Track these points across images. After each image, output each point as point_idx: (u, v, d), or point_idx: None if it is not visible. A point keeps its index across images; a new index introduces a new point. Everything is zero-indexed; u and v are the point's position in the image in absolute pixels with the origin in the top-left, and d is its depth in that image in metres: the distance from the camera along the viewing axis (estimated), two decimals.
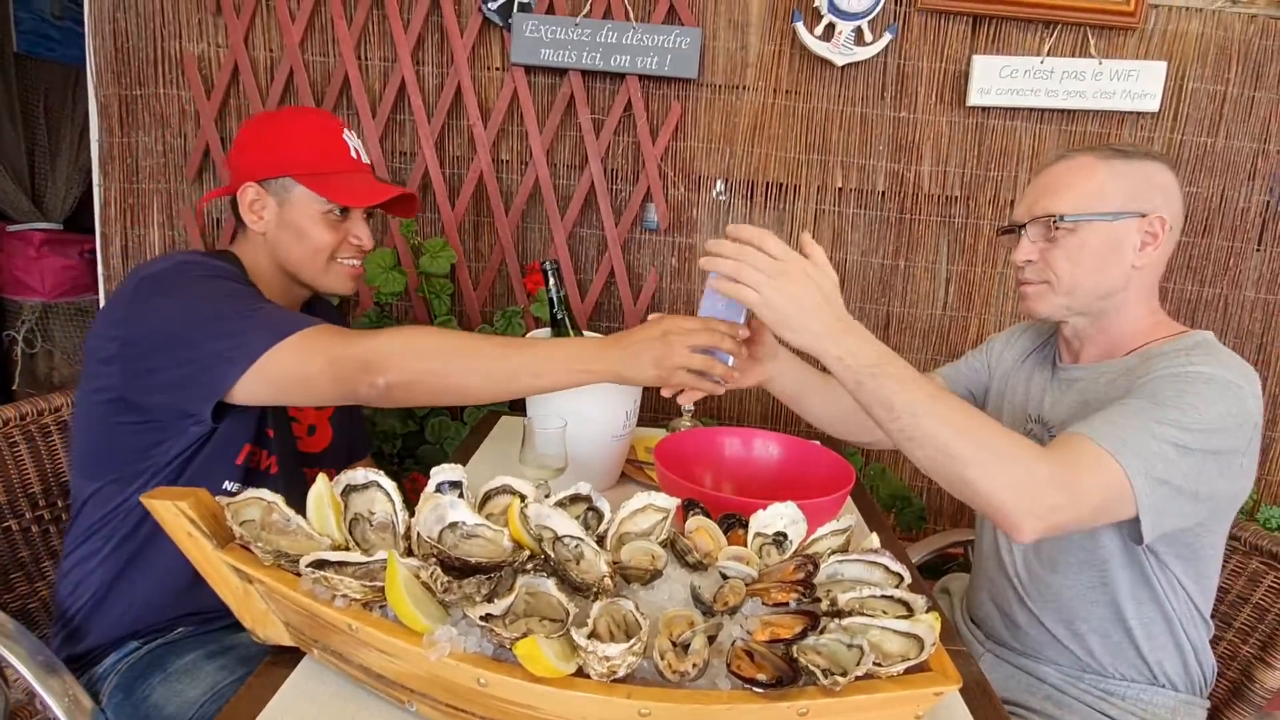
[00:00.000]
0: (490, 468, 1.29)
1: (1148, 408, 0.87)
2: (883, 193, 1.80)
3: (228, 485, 1.04)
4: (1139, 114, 1.72)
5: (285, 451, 1.13)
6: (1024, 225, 1.03)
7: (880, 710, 0.65)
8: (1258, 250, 1.82)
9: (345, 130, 1.10)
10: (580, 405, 1.16)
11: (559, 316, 1.29)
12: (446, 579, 0.68)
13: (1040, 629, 1.09)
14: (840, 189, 1.80)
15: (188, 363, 0.91)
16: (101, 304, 1.93)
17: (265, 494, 0.78)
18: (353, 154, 1.09)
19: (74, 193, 3.15)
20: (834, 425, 1.26)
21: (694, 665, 0.63)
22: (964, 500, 0.86)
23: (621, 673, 0.62)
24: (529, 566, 0.74)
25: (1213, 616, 1.06)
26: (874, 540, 0.83)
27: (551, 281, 1.29)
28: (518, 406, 1.83)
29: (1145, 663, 1.04)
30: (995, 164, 1.77)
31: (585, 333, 1.32)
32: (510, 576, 0.72)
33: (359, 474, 0.82)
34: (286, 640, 0.77)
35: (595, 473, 1.24)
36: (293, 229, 1.07)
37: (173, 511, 0.73)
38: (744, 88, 1.74)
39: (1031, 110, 1.73)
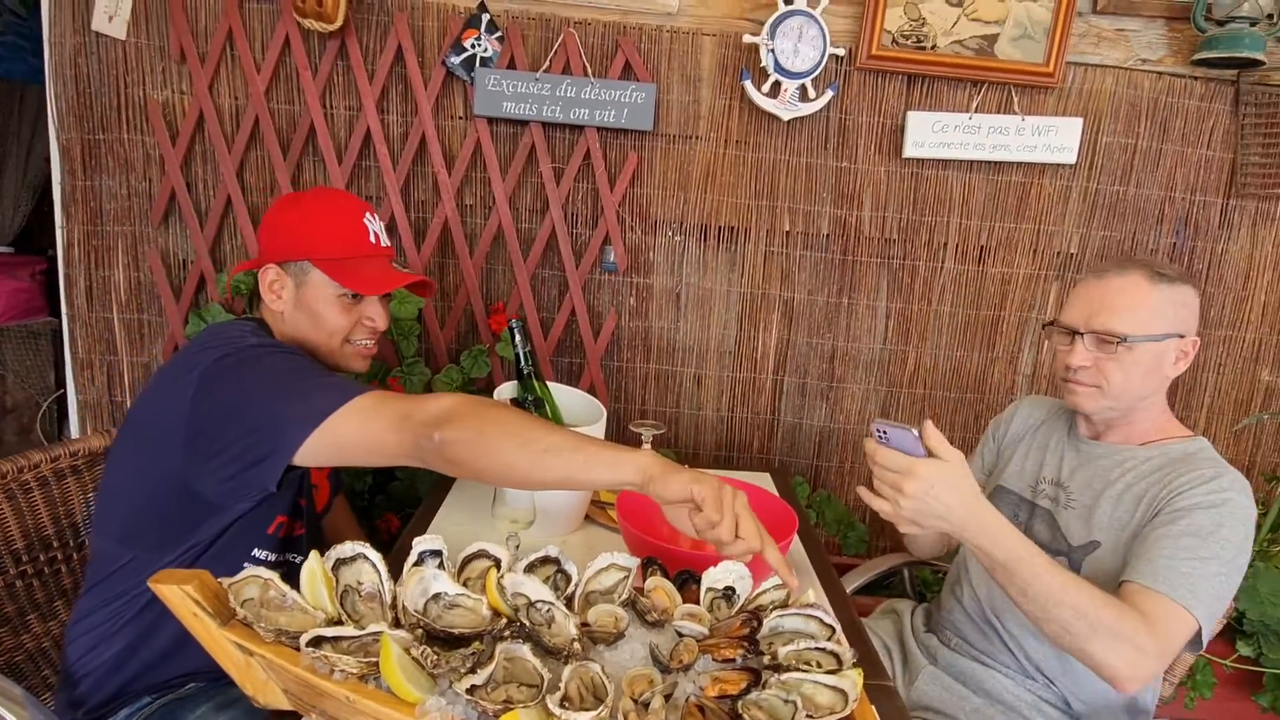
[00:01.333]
0: (464, 513, 1.37)
1: (1198, 546, 1.02)
2: (827, 235, 1.92)
3: (258, 554, 1.09)
4: (1058, 165, 1.87)
5: (309, 515, 1.18)
6: (1081, 333, 1.14)
7: None
8: None
9: (368, 215, 1.13)
10: None
11: (525, 371, 1.37)
12: (434, 654, 0.76)
13: (1005, 650, 1.23)
14: (788, 232, 1.91)
15: (256, 428, 0.93)
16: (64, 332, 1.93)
17: (262, 572, 0.85)
18: (372, 238, 1.12)
19: (22, 211, 3.10)
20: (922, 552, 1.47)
21: None
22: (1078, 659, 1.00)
23: None
24: (505, 633, 0.83)
25: None
26: (810, 595, 0.94)
27: (518, 338, 1.38)
28: None
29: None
30: (929, 209, 1.91)
31: (549, 384, 1.40)
32: (490, 645, 0.80)
33: (346, 548, 0.90)
34: (286, 705, 0.84)
35: (561, 520, 1.33)
36: (308, 311, 1.10)
37: (179, 595, 0.80)
38: (696, 138, 1.84)
39: (961, 161, 1.87)
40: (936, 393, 2.03)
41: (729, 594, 0.98)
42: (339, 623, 0.83)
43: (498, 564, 0.96)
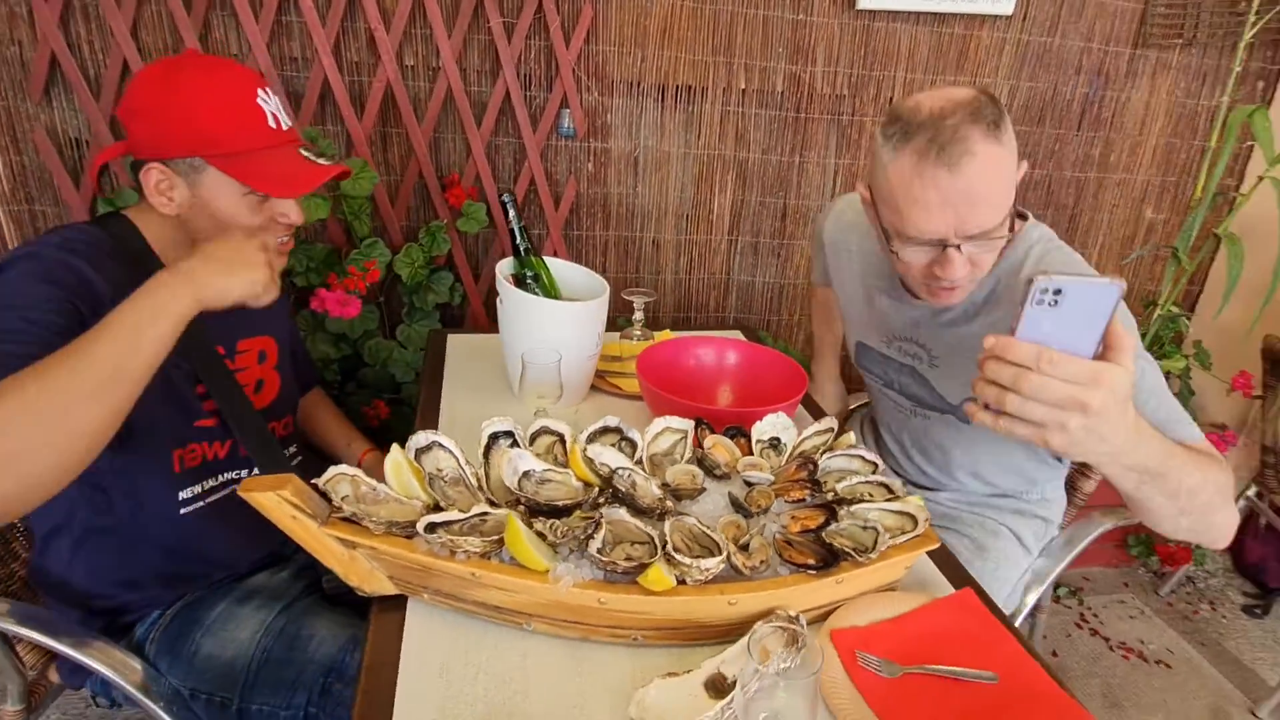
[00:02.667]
0: (474, 394, 1.37)
1: (1153, 375, 0.92)
2: (781, 93, 1.92)
3: (184, 495, 1.02)
4: (996, 16, 1.93)
5: (245, 422, 1.07)
6: (954, 244, 0.92)
7: (888, 571, 0.88)
8: (1076, 134, 2.16)
9: (261, 92, 0.95)
10: (561, 334, 1.26)
11: (522, 247, 1.34)
12: (558, 524, 0.81)
13: (939, 474, 1.29)
14: (744, 90, 1.89)
15: None
16: None
17: (348, 469, 0.85)
18: (270, 121, 0.95)
19: None
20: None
21: (761, 560, 0.82)
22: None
23: (711, 578, 0.80)
24: (601, 500, 0.88)
25: None
26: (850, 437, 1.04)
27: (511, 213, 1.34)
28: (451, 323, 1.87)
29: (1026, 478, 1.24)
30: (878, 64, 1.93)
31: (545, 258, 1.38)
32: (591, 512, 0.86)
33: (421, 438, 0.90)
34: (391, 590, 0.87)
35: (574, 392, 1.36)
36: (208, 214, 0.95)
37: (274, 500, 0.79)
38: None
39: (909, 13, 1.88)
40: None
41: (775, 443, 1.06)
42: (438, 508, 0.85)
43: (560, 438, 1.00)
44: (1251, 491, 2.07)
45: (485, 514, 0.84)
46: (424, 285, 1.76)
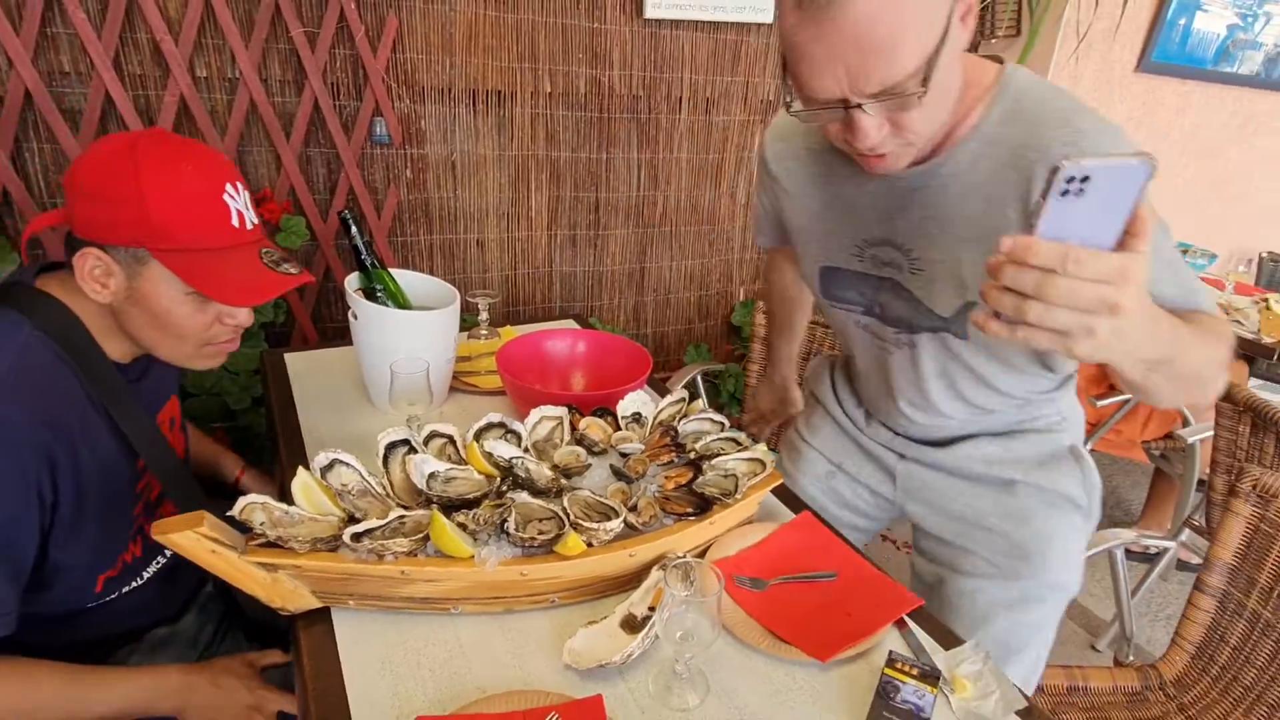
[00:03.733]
0: (331, 410, 1.38)
1: (1168, 244, 0.82)
2: (584, 95, 2.06)
3: (93, 602, 0.93)
4: (759, 24, 2.22)
5: (181, 484, 1.01)
6: (854, 104, 0.74)
7: (746, 507, 1.08)
8: None
9: (230, 187, 0.87)
10: (419, 341, 1.32)
11: (367, 261, 1.37)
12: (476, 515, 0.91)
13: (934, 415, 1.09)
14: (550, 93, 2.01)
15: None
16: None
17: (257, 498, 0.88)
18: (234, 219, 0.87)
19: None
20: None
21: (651, 516, 0.98)
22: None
23: (613, 537, 0.94)
24: (503, 488, 0.99)
25: None
26: (700, 404, 1.23)
27: (353, 229, 1.36)
28: (278, 342, 1.82)
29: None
30: (667, 66, 2.14)
31: (392, 270, 1.42)
32: (498, 500, 0.96)
33: (321, 458, 0.95)
34: (315, 604, 0.92)
35: (438, 396, 1.43)
36: (146, 310, 0.86)
37: (192, 539, 0.81)
38: None
39: (689, 21, 2.11)
40: (681, 229, 2.39)
41: (638, 417, 1.22)
42: (352, 519, 0.91)
43: (449, 439, 1.09)
44: None
45: (402, 517, 0.91)
46: None
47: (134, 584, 0.96)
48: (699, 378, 2.03)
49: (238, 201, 0.87)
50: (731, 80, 2.26)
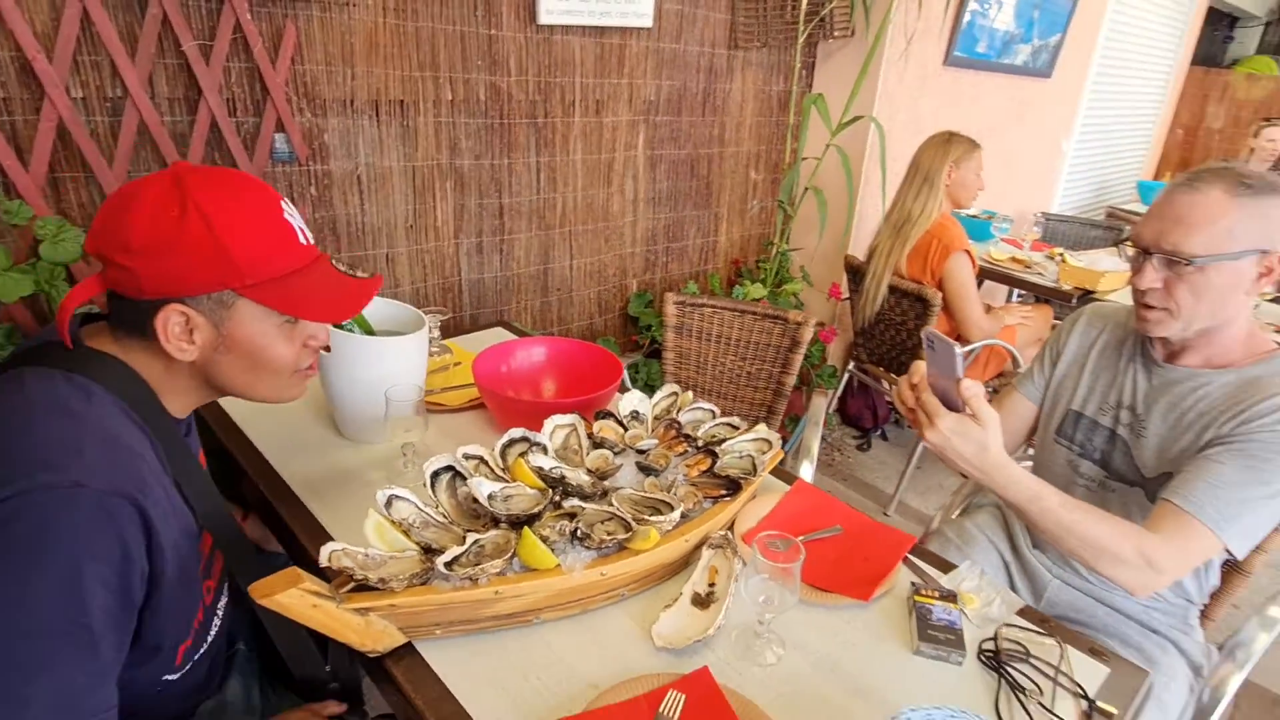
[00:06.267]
0: (299, 450, 1.32)
1: (1246, 476, 1.02)
2: (485, 102, 2.06)
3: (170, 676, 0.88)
4: (640, 29, 2.32)
5: (239, 549, 0.96)
6: (1151, 253, 1.08)
7: (758, 482, 1.21)
8: (702, 119, 2.70)
9: (284, 205, 0.83)
10: (394, 367, 1.30)
11: None
12: (561, 524, 0.95)
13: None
14: (452, 101, 1.99)
15: None
16: None
17: (336, 545, 0.88)
18: (301, 237, 0.84)
19: None
20: None
21: (695, 503, 1.08)
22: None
23: (670, 528, 1.03)
24: (557, 499, 1.04)
25: None
26: (689, 396, 1.34)
27: None
28: None
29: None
30: (560, 71, 2.19)
31: None
32: (557, 510, 1.01)
33: (380, 496, 0.96)
34: (401, 641, 0.92)
35: (415, 418, 1.41)
36: (243, 353, 0.82)
37: (297, 596, 0.80)
38: (353, 4, 1.73)
39: (578, 26, 2.16)
40: (579, 228, 2.46)
41: (636, 415, 1.31)
42: (428, 551, 0.93)
43: (480, 460, 1.11)
44: (851, 366, 2.93)
45: (479, 540, 0.94)
46: None
47: (201, 650, 0.90)
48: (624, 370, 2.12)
49: (295, 218, 0.85)
50: (618, 83, 2.35)
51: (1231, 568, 1.34)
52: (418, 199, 2.03)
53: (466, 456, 1.10)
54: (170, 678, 0.86)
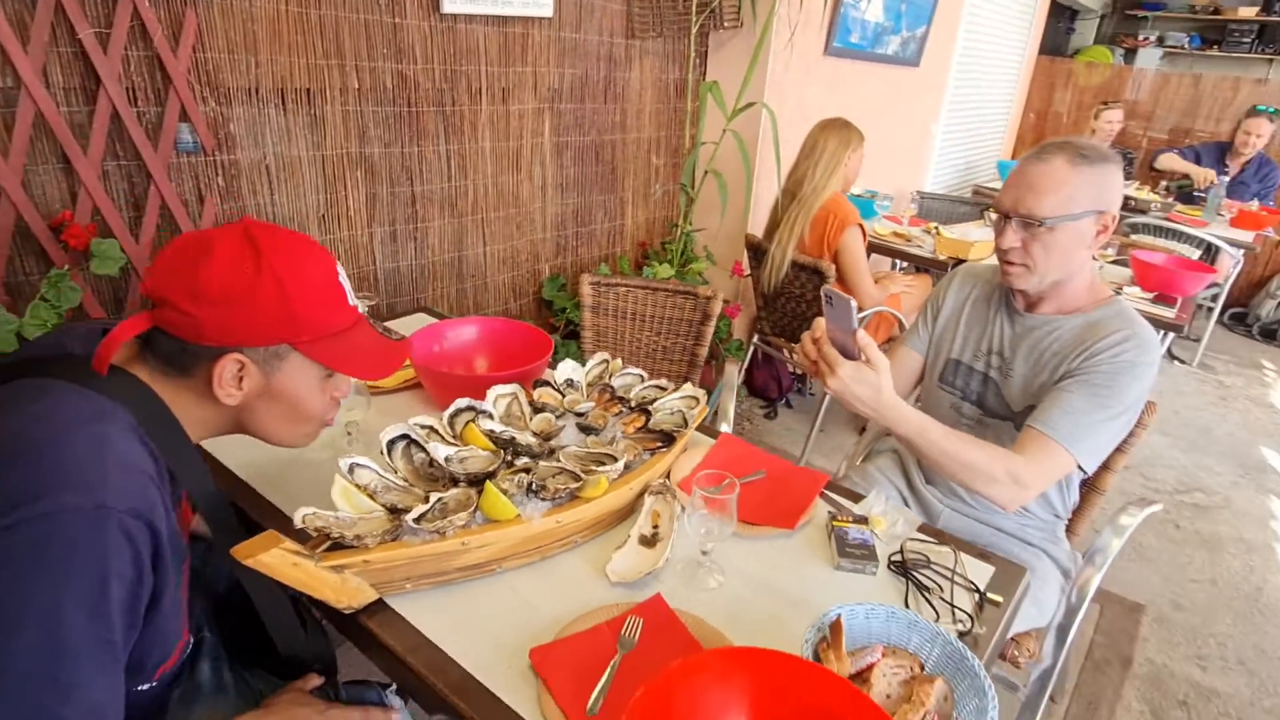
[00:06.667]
0: (249, 442, 1.30)
1: (1091, 403, 1.21)
2: (392, 90, 2.07)
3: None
4: (541, 18, 2.38)
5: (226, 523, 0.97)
6: (1010, 217, 1.28)
7: (688, 435, 1.32)
8: (604, 106, 2.79)
9: (338, 268, 0.90)
10: None
11: None
12: (518, 478, 1.03)
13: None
14: (359, 89, 1.99)
15: None
16: None
17: (306, 509, 0.92)
18: (350, 299, 0.92)
19: None
20: None
21: (635, 455, 1.18)
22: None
23: (616, 476, 1.12)
24: (509, 459, 1.12)
25: None
26: (619, 364, 1.43)
27: None
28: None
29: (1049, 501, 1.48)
30: (464, 59, 2.22)
31: None
32: (509, 468, 1.09)
33: (343, 463, 1.01)
34: (374, 596, 0.98)
35: (358, 397, 1.43)
36: (283, 402, 0.89)
37: (279, 555, 0.85)
38: None
39: (481, 15, 2.20)
40: (490, 214, 2.50)
41: (571, 383, 1.39)
42: (393, 510, 0.99)
43: (431, 428, 1.17)
44: (755, 339, 3.11)
45: (441, 498, 1.01)
46: None
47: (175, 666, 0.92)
48: None
49: (346, 281, 0.92)
50: (522, 70, 2.40)
51: (1090, 488, 1.58)
52: (329, 189, 2.02)
53: (420, 426, 1.15)
54: (143, 688, 0.87)
